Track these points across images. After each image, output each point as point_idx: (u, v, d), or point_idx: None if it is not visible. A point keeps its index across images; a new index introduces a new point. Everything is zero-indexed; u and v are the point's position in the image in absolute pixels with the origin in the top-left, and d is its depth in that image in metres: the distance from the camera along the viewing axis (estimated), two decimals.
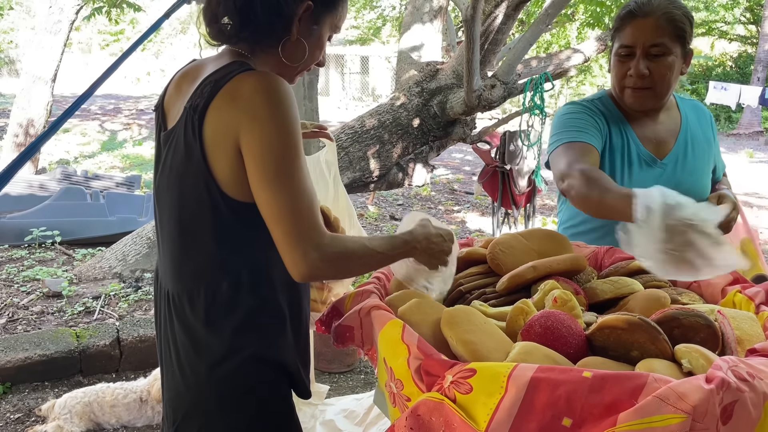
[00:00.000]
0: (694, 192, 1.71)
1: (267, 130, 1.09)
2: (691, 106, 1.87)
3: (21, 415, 2.84)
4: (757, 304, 1.25)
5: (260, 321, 1.21)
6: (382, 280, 1.43)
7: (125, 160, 9.14)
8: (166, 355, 1.28)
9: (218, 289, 1.19)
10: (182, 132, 1.16)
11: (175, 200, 1.20)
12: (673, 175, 1.75)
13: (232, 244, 1.18)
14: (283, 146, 1.10)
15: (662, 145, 1.77)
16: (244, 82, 1.11)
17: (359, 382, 3.28)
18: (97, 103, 14.32)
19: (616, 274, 1.44)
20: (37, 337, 3.25)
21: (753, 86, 14.41)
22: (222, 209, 1.15)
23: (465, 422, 0.92)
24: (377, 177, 4.15)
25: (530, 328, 1.12)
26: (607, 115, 1.77)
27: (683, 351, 1.02)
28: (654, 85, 1.67)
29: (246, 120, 1.09)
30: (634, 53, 1.66)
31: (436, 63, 4.31)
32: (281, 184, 1.10)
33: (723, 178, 1.94)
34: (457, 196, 8.03)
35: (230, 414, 1.21)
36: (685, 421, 0.84)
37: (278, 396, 1.26)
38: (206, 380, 1.20)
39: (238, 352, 1.19)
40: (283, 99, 1.10)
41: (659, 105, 1.75)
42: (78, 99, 2.23)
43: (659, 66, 1.65)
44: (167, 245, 1.25)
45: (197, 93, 1.15)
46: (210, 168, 1.14)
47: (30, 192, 5.81)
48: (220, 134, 1.12)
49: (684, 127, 1.80)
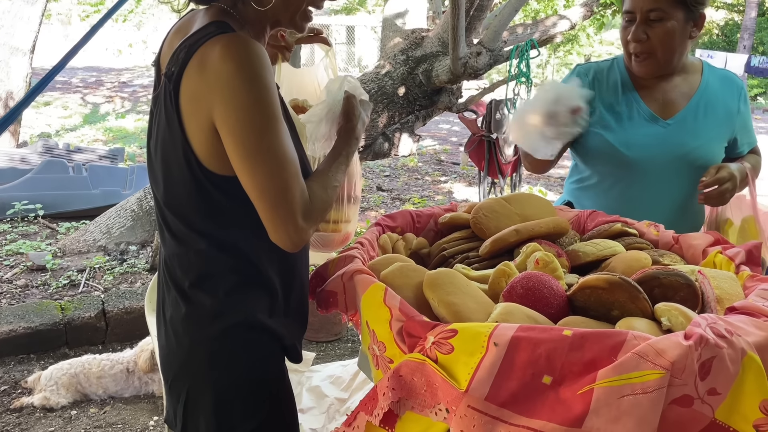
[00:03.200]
0: (698, 155, 1.73)
1: (240, 102, 1.04)
2: (721, 75, 1.84)
3: (7, 387, 2.84)
4: (737, 264, 1.26)
5: (249, 289, 1.20)
6: (365, 245, 1.42)
7: (108, 133, 9.01)
8: (161, 317, 1.28)
9: (207, 257, 1.18)
10: (163, 100, 1.13)
11: (162, 168, 1.18)
12: (677, 136, 1.74)
13: (216, 216, 1.17)
14: (259, 117, 1.05)
15: (670, 105, 1.77)
16: (212, 49, 1.05)
17: (346, 351, 3.30)
18: (79, 76, 14.08)
19: (599, 236, 1.45)
20: (22, 309, 3.23)
21: (739, 54, 14.44)
22: (203, 183, 1.13)
23: (446, 381, 0.92)
24: (363, 147, 4.12)
25: (512, 290, 1.12)
26: (608, 75, 1.81)
27: (663, 309, 1.02)
28: (654, 51, 1.68)
29: (217, 92, 1.04)
30: (635, 19, 1.67)
31: (421, 30, 4.26)
32: (261, 158, 1.06)
33: (749, 155, 1.89)
34: (443, 167, 8.02)
35: (218, 376, 1.21)
36: (663, 377, 0.85)
37: (267, 359, 1.26)
38: (196, 341, 1.21)
39: (227, 316, 1.19)
40: (254, 65, 1.04)
41: (667, 71, 1.74)
42: (58, 63, 2.18)
43: (657, 31, 1.65)
44: (158, 211, 1.24)
45: (173, 59, 1.11)
46: (188, 140, 1.10)
47: (11, 165, 5.72)
48: (194, 106, 1.08)
49: (701, 91, 1.78)
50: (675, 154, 1.73)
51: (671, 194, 1.76)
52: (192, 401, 1.23)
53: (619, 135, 1.74)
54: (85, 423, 2.61)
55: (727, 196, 1.67)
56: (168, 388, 1.28)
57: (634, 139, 1.73)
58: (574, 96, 1.65)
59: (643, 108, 1.76)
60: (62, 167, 5.32)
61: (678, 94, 1.78)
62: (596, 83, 1.80)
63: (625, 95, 1.78)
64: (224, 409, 1.22)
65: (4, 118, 2.41)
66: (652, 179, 1.73)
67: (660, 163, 1.73)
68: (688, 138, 1.74)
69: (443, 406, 0.93)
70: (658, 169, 1.73)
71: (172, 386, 1.26)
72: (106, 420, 2.63)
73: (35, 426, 2.57)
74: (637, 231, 1.48)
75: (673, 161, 1.73)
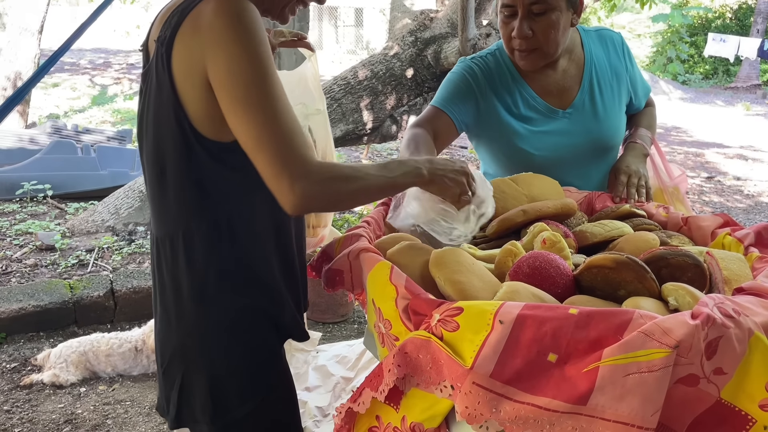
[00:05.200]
0: (604, 137, 1.73)
1: (233, 55, 1.02)
2: (597, 36, 1.78)
3: (17, 364, 2.87)
4: (746, 245, 1.25)
5: (244, 266, 1.19)
6: (372, 225, 1.42)
7: (116, 115, 9.01)
8: (155, 298, 1.28)
9: (198, 234, 1.15)
10: (155, 67, 1.11)
11: (154, 141, 1.16)
12: (580, 123, 1.71)
13: (210, 187, 1.14)
14: (253, 70, 1.03)
15: (565, 94, 1.72)
16: (205, 7, 1.04)
17: (353, 332, 3.31)
18: (87, 57, 14.07)
19: (606, 217, 1.44)
20: (31, 288, 3.26)
21: (752, 38, 14.25)
22: (197, 150, 1.10)
23: (452, 359, 0.92)
24: (370, 129, 4.11)
25: (518, 269, 1.12)
26: (497, 72, 1.73)
27: (670, 289, 1.02)
28: (540, 45, 1.61)
29: (210, 47, 1.03)
30: (517, 12, 1.58)
31: (430, 11, 4.23)
32: (256, 111, 1.03)
33: (646, 108, 1.88)
34: (451, 150, 7.99)
35: (213, 359, 1.21)
36: (669, 356, 0.84)
37: (263, 342, 1.25)
38: (190, 326, 1.20)
39: (220, 299, 1.18)
40: (247, 20, 1.03)
41: (552, 60, 1.69)
42: (65, 42, 2.17)
43: (542, 25, 1.58)
44: (149, 189, 1.22)
45: (165, 24, 1.10)
46: (182, 104, 1.08)
47: (20, 146, 5.74)
48: (187, 66, 1.06)
49: (588, 67, 1.73)
50: (583, 142, 1.70)
51: (588, 181, 1.73)
52: (187, 386, 1.23)
53: (528, 139, 1.69)
54: (94, 400, 2.64)
55: (642, 190, 1.65)
56: (162, 374, 1.27)
57: (541, 140, 1.69)
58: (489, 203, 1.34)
59: (540, 103, 1.71)
60: (71, 148, 5.33)
61: (568, 79, 1.72)
62: (489, 83, 1.72)
63: (519, 92, 1.71)
64: (220, 393, 1.21)
65: (12, 97, 2.42)
66: (568, 171, 1.69)
67: (571, 154, 1.70)
68: (592, 124, 1.71)
69: (448, 383, 0.94)
70: (570, 160, 1.70)
71: (166, 371, 1.25)
72: (114, 397, 2.66)
73: (45, 402, 2.60)
74: (646, 212, 1.47)
75: (583, 149, 1.71)
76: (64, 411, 2.56)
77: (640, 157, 1.74)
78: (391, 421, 1.04)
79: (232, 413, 1.22)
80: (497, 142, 1.74)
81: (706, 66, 18.39)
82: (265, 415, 1.26)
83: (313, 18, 19.49)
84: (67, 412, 2.55)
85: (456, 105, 1.71)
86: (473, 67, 1.74)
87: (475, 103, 1.72)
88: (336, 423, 1.11)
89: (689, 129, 10.99)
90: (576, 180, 1.68)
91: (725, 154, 8.75)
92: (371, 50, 19.36)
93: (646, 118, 1.87)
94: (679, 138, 10.09)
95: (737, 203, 6.35)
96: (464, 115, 1.72)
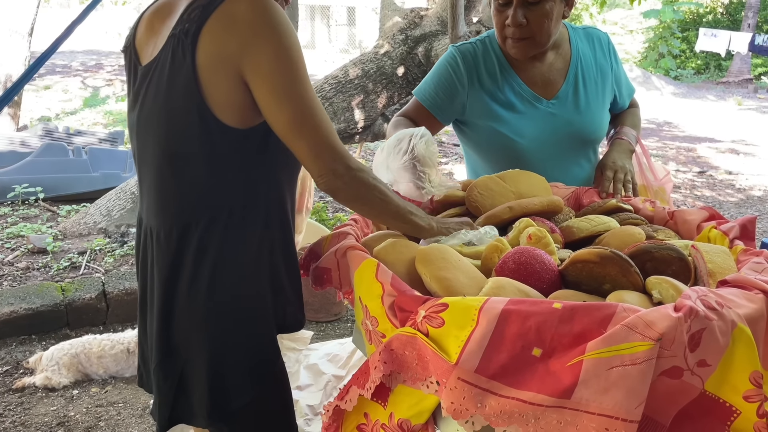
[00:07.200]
0: (587, 129, 1.75)
1: (276, 50, 1.11)
2: (584, 35, 1.81)
3: (9, 367, 2.86)
4: (731, 238, 1.26)
5: (241, 265, 1.21)
6: (359, 222, 1.42)
7: (108, 116, 8.98)
8: (150, 295, 1.28)
9: (207, 223, 1.18)
10: (168, 60, 1.14)
11: (162, 132, 1.18)
12: (563, 114, 1.72)
13: (224, 174, 1.18)
14: (294, 63, 1.12)
15: (550, 85, 1.74)
16: (239, 6, 1.11)
17: (345, 331, 3.31)
18: (79, 59, 14.01)
19: (593, 212, 1.44)
20: (22, 291, 3.25)
21: (743, 33, 14.30)
22: (215, 136, 1.15)
23: (437, 355, 0.92)
24: (362, 128, 4.11)
25: (504, 265, 1.12)
26: (484, 59, 1.75)
27: (654, 282, 1.02)
28: (533, 34, 1.63)
29: (251, 43, 1.10)
30: (511, 1, 1.60)
31: (420, 9, 4.23)
32: (299, 100, 1.13)
33: (630, 109, 1.91)
34: (444, 148, 7.99)
35: (212, 353, 1.21)
36: (652, 348, 0.85)
37: (261, 335, 1.26)
38: (188, 319, 1.21)
39: (219, 293, 1.19)
40: (282, 19, 1.12)
41: (543, 50, 1.71)
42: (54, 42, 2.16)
43: (536, 14, 1.60)
44: (153, 181, 1.23)
45: (184, 18, 1.14)
46: (202, 93, 1.13)
47: (11, 149, 5.71)
48: (217, 59, 1.12)
49: (574, 62, 1.76)
50: (564, 133, 1.72)
51: (570, 172, 1.74)
52: (185, 379, 1.24)
53: (510, 124, 1.70)
54: (87, 402, 2.63)
55: (629, 185, 1.67)
56: (154, 368, 1.27)
57: (524, 127, 1.71)
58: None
59: (525, 90, 1.72)
60: (62, 150, 5.31)
61: (554, 71, 1.75)
62: (473, 70, 1.74)
63: (506, 79, 1.73)
64: (219, 386, 1.22)
65: (0, 99, 2.41)
66: (548, 161, 1.70)
67: (552, 144, 1.72)
68: (574, 116, 1.73)
69: (434, 378, 0.94)
70: (550, 150, 1.72)
71: (160, 365, 1.26)
72: (107, 399, 2.65)
73: (37, 405, 2.60)
74: (633, 207, 1.48)
75: (564, 140, 1.73)
76: (56, 414, 2.55)
77: (626, 153, 1.75)
78: (378, 418, 1.04)
79: (231, 405, 1.23)
80: (480, 128, 1.76)
81: (697, 61, 18.46)
82: (263, 406, 1.27)
83: (305, 17, 19.46)
84: (60, 414, 2.55)
85: (438, 102, 1.75)
86: (457, 58, 1.75)
87: (459, 96, 1.74)
88: (324, 421, 1.11)
89: (681, 124, 11.03)
90: (555, 172, 1.69)
91: (717, 148, 8.79)
92: (364, 49, 19.33)
93: (631, 117, 1.89)
94: (672, 133, 10.13)
95: (729, 197, 6.38)
96: (447, 111, 1.77)
